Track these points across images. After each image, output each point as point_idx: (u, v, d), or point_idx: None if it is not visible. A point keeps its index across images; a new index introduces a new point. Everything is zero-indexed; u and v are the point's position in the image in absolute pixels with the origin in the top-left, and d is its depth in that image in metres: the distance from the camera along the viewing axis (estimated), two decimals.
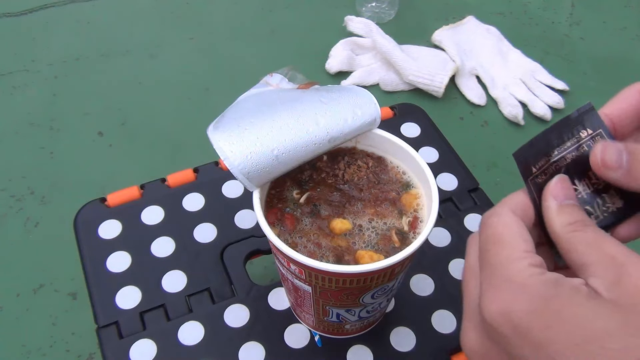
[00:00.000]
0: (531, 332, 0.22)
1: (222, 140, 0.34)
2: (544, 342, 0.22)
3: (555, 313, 0.22)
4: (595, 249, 0.24)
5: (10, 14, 0.97)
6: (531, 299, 0.23)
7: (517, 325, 0.23)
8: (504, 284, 0.24)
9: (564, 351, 0.21)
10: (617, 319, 0.21)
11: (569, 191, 0.26)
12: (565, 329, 0.21)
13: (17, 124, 0.79)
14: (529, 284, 0.23)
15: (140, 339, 0.41)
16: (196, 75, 0.87)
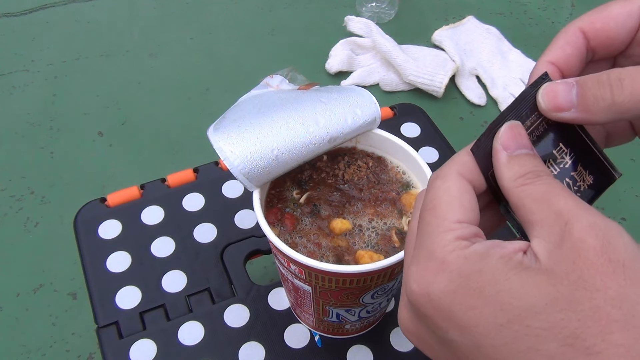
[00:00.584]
0: (454, 313, 0.21)
1: (222, 141, 0.34)
2: (467, 324, 0.20)
3: (478, 292, 0.20)
4: (542, 204, 0.21)
5: (10, 14, 0.97)
6: (451, 277, 0.21)
7: (439, 307, 0.21)
8: (426, 260, 0.22)
9: (488, 333, 0.20)
10: (546, 293, 0.19)
11: (520, 139, 0.23)
12: (489, 308, 0.20)
13: (17, 124, 0.79)
14: (449, 261, 0.22)
15: (140, 339, 0.41)
16: (196, 75, 0.88)
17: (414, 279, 0.22)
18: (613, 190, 0.79)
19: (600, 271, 0.19)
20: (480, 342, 0.20)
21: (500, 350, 0.20)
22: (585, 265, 0.19)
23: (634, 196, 0.74)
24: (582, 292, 0.19)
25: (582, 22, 0.25)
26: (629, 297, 0.18)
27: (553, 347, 0.18)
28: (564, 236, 0.20)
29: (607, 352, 0.18)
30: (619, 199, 0.73)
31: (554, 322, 0.19)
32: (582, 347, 0.18)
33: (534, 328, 0.19)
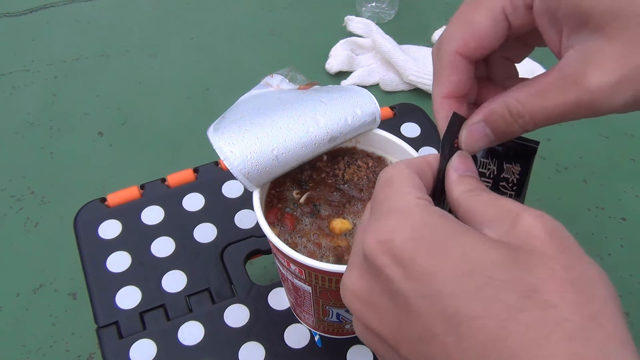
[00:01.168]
0: (415, 261, 0.21)
1: (222, 141, 0.34)
2: (427, 272, 0.20)
3: (441, 242, 0.21)
4: (492, 206, 0.23)
5: (10, 14, 0.97)
6: (415, 226, 0.22)
7: (398, 254, 0.21)
8: (387, 214, 0.23)
9: (449, 280, 0.20)
10: (505, 254, 0.20)
11: (468, 165, 0.27)
12: (452, 258, 0.20)
13: (17, 124, 0.79)
14: (414, 212, 0.22)
15: (140, 339, 0.41)
16: (196, 75, 0.88)
17: (373, 231, 0.22)
18: (613, 190, 0.79)
19: (552, 246, 0.21)
20: (440, 290, 0.20)
21: (461, 298, 0.20)
22: (538, 242, 0.21)
23: (634, 196, 0.74)
24: (536, 258, 0.20)
25: (457, 45, 0.27)
26: (576, 267, 0.20)
27: (513, 298, 0.19)
28: (515, 224, 0.22)
29: (562, 307, 0.19)
30: (619, 199, 0.73)
31: (514, 276, 0.20)
32: (540, 300, 0.19)
33: (495, 279, 0.20)
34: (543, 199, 0.73)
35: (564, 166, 0.77)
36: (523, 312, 0.19)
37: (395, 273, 0.21)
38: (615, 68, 0.23)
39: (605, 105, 0.23)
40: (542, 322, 0.19)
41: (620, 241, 0.69)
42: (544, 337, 0.18)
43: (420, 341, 0.21)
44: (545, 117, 0.25)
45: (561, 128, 0.82)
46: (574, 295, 0.19)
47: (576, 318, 0.19)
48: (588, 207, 0.72)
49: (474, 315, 0.19)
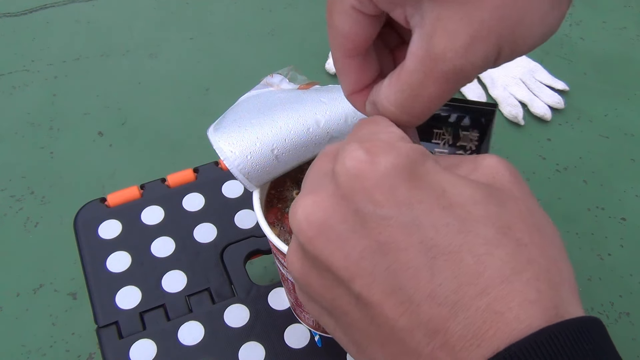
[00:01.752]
0: (397, 187, 0.20)
1: (222, 141, 0.34)
2: (410, 200, 0.20)
3: (424, 175, 0.21)
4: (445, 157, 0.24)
5: (10, 14, 0.97)
6: (400, 154, 0.21)
7: (382, 177, 0.20)
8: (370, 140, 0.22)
9: (430, 211, 0.20)
10: (480, 190, 0.21)
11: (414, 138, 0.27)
12: (433, 190, 0.20)
13: (17, 124, 0.79)
14: (399, 144, 0.21)
15: (140, 339, 0.41)
16: (196, 75, 0.87)
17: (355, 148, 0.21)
18: (613, 190, 0.79)
19: (517, 186, 0.22)
20: (421, 221, 0.19)
21: (440, 230, 0.19)
22: (504, 180, 0.22)
23: (634, 196, 0.74)
24: (507, 196, 0.21)
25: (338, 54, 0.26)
26: (537, 212, 0.21)
27: (491, 233, 0.19)
28: (477, 165, 0.22)
29: (531, 246, 0.20)
30: (619, 199, 0.73)
31: (490, 212, 0.20)
32: (514, 238, 0.20)
33: (474, 214, 0.20)
34: (543, 199, 0.73)
35: (563, 166, 0.77)
36: (499, 248, 0.19)
37: (375, 195, 0.20)
38: (460, 28, 0.22)
39: (469, 67, 0.23)
40: (515, 260, 0.19)
41: (620, 241, 0.69)
42: (516, 273, 0.19)
43: (386, 273, 0.19)
44: (426, 107, 0.24)
45: (561, 128, 0.82)
46: (539, 237, 0.20)
47: (542, 260, 0.19)
48: (588, 207, 0.72)
49: (452, 249, 0.19)
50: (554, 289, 0.19)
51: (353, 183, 0.20)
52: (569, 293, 0.20)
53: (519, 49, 0.23)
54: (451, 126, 0.28)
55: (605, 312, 0.62)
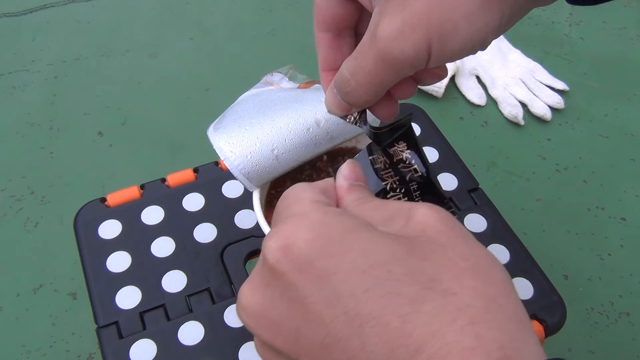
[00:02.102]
0: (313, 263, 0.20)
1: (222, 141, 0.34)
2: (326, 273, 0.20)
3: (339, 240, 0.21)
4: (383, 209, 0.24)
5: (10, 14, 0.97)
6: (312, 226, 0.21)
7: (298, 258, 0.20)
8: (285, 220, 0.22)
9: (348, 280, 0.20)
10: (402, 245, 0.20)
11: (358, 174, 0.27)
12: (351, 256, 0.20)
13: (17, 124, 0.79)
14: (310, 213, 0.22)
15: (140, 339, 0.41)
16: (196, 75, 0.88)
17: (272, 237, 0.22)
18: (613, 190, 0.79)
19: (446, 235, 0.21)
20: (340, 292, 0.19)
21: (361, 298, 0.19)
22: (433, 231, 0.21)
23: (634, 196, 0.74)
24: (433, 248, 0.21)
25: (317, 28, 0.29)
26: (471, 254, 0.21)
27: (414, 291, 0.19)
28: (409, 218, 0.22)
29: (462, 293, 0.19)
30: (619, 199, 0.73)
31: (413, 268, 0.20)
32: (440, 289, 0.19)
33: (395, 273, 0.19)
34: (543, 199, 0.73)
35: (563, 166, 0.77)
36: (425, 304, 0.19)
37: (294, 278, 0.20)
38: (396, 12, 0.23)
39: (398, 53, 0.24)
40: (444, 311, 0.19)
41: (620, 241, 0.69)
42: (448, 324, 0.18)
43: (322, 348, 0.20)
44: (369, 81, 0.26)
45: (561, 128, 0.82)
46: (473, 281, 0.20)
47: (476, 302, 0.19)
48: (588, 207, 0.72)
49: (376, 315, 0.19)
50: (497, 329, 0.18)
51: (274, 271, 0.21)
52: (519, 329, 0.19)
53: (447, 47, 0.24)
54: (380, 149, 0.30)
55: (605, 312, 0.62)
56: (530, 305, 0.43)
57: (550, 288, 0.44)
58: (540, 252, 0.50)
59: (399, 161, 0.31)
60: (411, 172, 0.31)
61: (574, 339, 0.60)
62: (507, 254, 0.46)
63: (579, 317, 0.61)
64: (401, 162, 0.31)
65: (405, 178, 0.30)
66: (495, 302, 0.19)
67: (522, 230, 0.50)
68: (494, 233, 0.48)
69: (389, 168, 0.30)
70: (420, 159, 0.31)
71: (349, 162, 0.27)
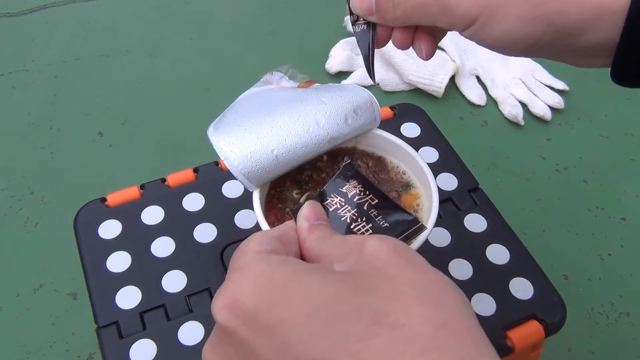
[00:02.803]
0: (259, 315, 0.20)
1: (222, 141, 0.34)
2: (273, 323, 0.20)
3: (281, 287, 0.21)
4: (341, 244, 0.24)
5: (10, 14, 0.97)
6: (254, 279, 0.21)
7: (244, 313, 0.21)
8: (230, 276, 0.23)
9: (295, 326, 0.20)
10: (347, 283, 0.20)
11: (319, 214, 0.28)
12: (294, 302, 0.20)
13: (17, 124, 0.79)
14: (251, 266, 0.22)
15: (140, 339, 0.41)
16: (196, 75, 0.88)
17: (217, 297, 0.22)
18: (613, 190, 0.79)
19: (395, 264, 0.21)
20: (289, 339, 0.20)
21: (309, 342, 0.19)
22: (382, 262, 0.22)
23: (634, 196, 0.74)
24: (380, 280, 0.21)
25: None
26: (420, 281, 0.21)
27: (361, 328, 0.19)
28: (361, 252, 0.22)
29: (411, 323, 0.19)
30: (619, 199, 0.73)
31: (358, 305, 0.20)
32: (388, 323, 0.19)
33: (340, 313, 0.19)
34: (543, 199, 0.73)
35: (563, 166, 0.77)
36: (373, 339, 0.19)
37: (244, 335, 0.21)
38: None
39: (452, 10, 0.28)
40: (393, 343, 0.18)
41: (620, 241, 0.69)
42: (397, 356, 0.18)
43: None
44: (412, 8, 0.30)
45: (561, 128, 0.82)
46: (421, 309, 0.20)
47: (426, 330, 0.19)
48: (588, 207, 0.72)
49: (326, 357, 0.19)
50: (448, 354, 0.18)
51: (225, 330, 0.21)
52: (473, 351, 0.19)
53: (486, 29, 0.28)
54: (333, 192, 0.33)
55: (605, 312, 0.62)
56: (530, 305, 0.43)
57: (550, 288, 0.45)
58: (540, 252, 0.50)
59: (354, 195, 0.32)
60: (367, 201, 0.32)
61: (574, 339, 0.59)
62: (507, 254, 0.46)
63: (579, 317, 0.61)
64: (356, 196, 0.32)
65: (364, 208, 0.32)
66: (446, 327, 0.19)
67: (522, 230, 0.50)
68: (494, 233, 0.48)
69: (345, 204, 0.32)
70: (374, 188, 0.33)
71: (308, 203, 0.28)
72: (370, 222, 0.31)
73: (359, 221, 0.31)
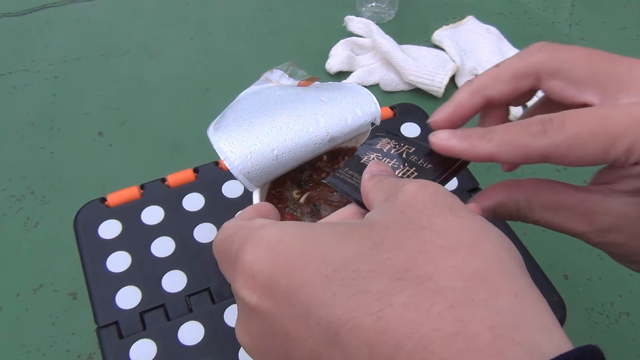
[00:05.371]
0: (279, 283, 0.19)
1: (222, 141, 0.34)
2: (293, 289, 0.19)
3: (298, 251, 0.20)
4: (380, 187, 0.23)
5: (10, 14, 0.97)
6: (268, 247, 0.20)
7: (263, 284, 0.20)
8: (237, 255, 0.21)
9: (314, 290, 0.19)
10: (371, 239, 0.19)
11: (383, 167, 0.27)
12: (312, 264, 0.19)
13: (17, 124, 0.79)
14: (262, 234, 0.21)
15: (140, 339, 0.41)
16: (196, 75, 0.87)
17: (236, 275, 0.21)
18: None
19: (427, 213, 0.20)
20: (309, 304, 0.19)
21: (330, 304, 0.18)
22: (413, 211, 0.20)
23: None
24: (408, 232, 0.19)
25: (485, 89, 0.31)
26: (453, 228, 0.19)
27: (383, 285, 0.18)
28: (396, 196, 0.21)
29: (439, 276, 0.18)
30: None
31: (380, 262, 0.18)
32: (413, 277, 0.18)
33: (360, 272, 0.18)
34: None
35: (563, 166, 0.77)
36: (396, 296, 0.17)
37: (267, 305, 0.20)
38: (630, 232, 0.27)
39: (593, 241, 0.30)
40: (418, 299, 0.17)
41: None
42: (423, 313, 0.17)
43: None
44: (543, 225, 0.31)
45: None
46: (452, 259, 0.18)
47: (456, 282, 0.17)
48: None
49: (348, 317, 0.18)
50: (482, 308, 0.17)
51: (249, 306, 0.21)
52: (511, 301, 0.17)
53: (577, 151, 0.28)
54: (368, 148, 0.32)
55: (605, 312, 0.62)
56: None
57: (550, 288, 0.44)
58: (540, 252, 0.50)
59: (389, 149, 0.31)
60: (405, 150, 0.31)
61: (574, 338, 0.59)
62: None
63: (579, 317, 0.61)
64: (392, 149, 0.31)
65: (403, 156, 0.31)
66: (479, 278, 0.17)
67: (522, 231, 0.50)
68: None
69: (383, 158, 0.31)
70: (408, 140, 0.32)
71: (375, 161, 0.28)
72: (413, 166, 0.30)
73: (401, 167, 0.30)
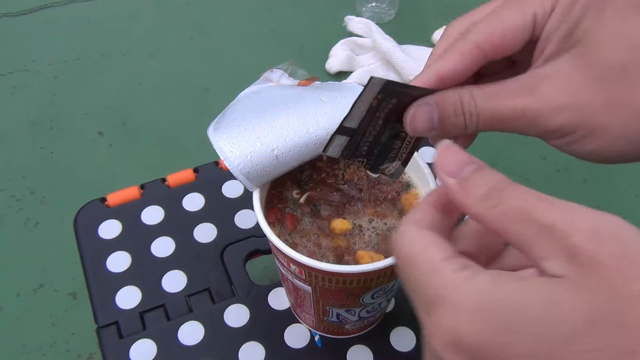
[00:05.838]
0: (490, 352, 0.18)
1: (222, 140, 0.34)
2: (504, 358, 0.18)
3: (506, 325, 0.18)
4: (525, 223, 0.20)
5: (10, 14, 0.97)
6: (472, 317, 0.19)
7: (471, 353, 0.19)
8: (435, 309, 0.20)
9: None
10: (583, 311, 0.17)
11: (461, 156, 0.22)
12: (525, 342, 0.18)
13: (17, 124, 0.79)
14: (462, 299, 0.19)
15: (140, 339, 0.41)
16: (196, 75, 0.88)
17: (433, 334, 0.20)
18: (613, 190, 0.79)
19: (630, 277, 0.17)
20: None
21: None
22: (612, 273, 0.17)
23: (634, 196, 0.74)
24: (620, 303, 0.17)
25: (478, 38, 0.26)
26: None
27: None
28: (573, 252, 0.18)
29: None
30: (619, 199, 0.73)
31: (603, 340, 0.17)
32: None
33: (582, 352, 0.17)
34: None
35: (564, 166, 0.77)
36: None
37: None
38: (571, 93, 0.24)
39: (545, 122, 0.25)
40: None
41: None
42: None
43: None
44: (491, 120, 0.26)
45: None
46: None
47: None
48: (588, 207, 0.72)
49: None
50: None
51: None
52: None
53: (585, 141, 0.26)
54: None
55: None
56: None
57: None
58: None
59: None
60: None
61: None
62: None
63: None
64: None
65: None
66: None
67: None
68: None
69: None
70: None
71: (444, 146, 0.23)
72: None
73: None
